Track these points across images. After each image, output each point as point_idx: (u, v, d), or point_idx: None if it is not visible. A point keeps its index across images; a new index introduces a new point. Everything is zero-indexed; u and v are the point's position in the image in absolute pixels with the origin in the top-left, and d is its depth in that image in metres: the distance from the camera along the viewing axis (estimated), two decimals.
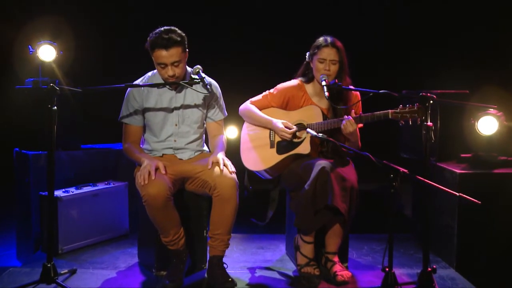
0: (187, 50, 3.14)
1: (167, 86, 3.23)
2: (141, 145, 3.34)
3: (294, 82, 3.46)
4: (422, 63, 4.93)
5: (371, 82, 3.34)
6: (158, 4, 4.97)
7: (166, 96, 3.24)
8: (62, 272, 3.16)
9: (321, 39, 3.31)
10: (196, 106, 3.28)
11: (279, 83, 3.47)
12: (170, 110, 3.25)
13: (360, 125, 3.30)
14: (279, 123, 3.30)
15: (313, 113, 3.33)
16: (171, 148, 3.28)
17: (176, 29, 3.11)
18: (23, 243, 3.97)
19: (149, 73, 3.30)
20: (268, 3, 5.11)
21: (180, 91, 3.26)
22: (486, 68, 4.79)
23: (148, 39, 3.09)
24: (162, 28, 3.08)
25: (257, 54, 4.99)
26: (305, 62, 3.42)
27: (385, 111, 3.09)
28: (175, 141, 3.28)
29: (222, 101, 3.41)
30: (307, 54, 3.38)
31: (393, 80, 4.25)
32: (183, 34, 3.11)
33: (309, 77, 3.41)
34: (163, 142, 3.28)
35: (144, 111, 3.25)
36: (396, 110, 3.05)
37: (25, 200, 3.89)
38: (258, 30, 5.07)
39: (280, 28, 5.07)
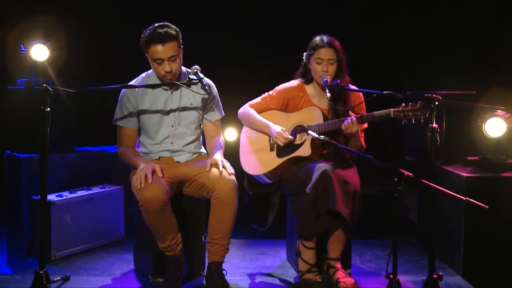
0: (181, 46, 3.15)
1: (163, 87, 3.24)
2: (136, 148, 3.34)
3: (293, 82, 3.47)
4: (427, 64, 4.94)
5: (375, 83, 3.35)
6: (156, 3, 4.98)
7: (161, 97, 3.25)
8: (55, 279, 3.16)
9: (317, 38, 3.31)
10: (192, 106, 3.29)
11: (278, 84, 3.49)
12: (165, 111, 3.26)
13: (365, 125, 3.30)
14: (276, 128, 3.31)
15: (313, 115, 3.34)
16: (168, 150, 3.29)
17: (170, 24, 3.12)
18: (14, 249, 3.97)
19: (143, 74, 3.31)
20: (268, 3, 5.12)
21: (175, 91, 3.27)
22: (494, 68, 4.80)
23: (142, 36, 3.11)
24: (156, 24, 3.10)
25: (256, 54, 5.01)
26: (303, 63, 3.44)
27: (387, 110, 3.10)
28: (171, 143, 3.29)
29: (219, 101, 3.42)
30: (304, 54, 3.40)
31: (397, 81, 4.26)
32: (178, 29, 3.13)
33: (308, 78, 3.42)
34: (159, 144, 3.29)
35: (139, 113, 3.26)
36: (398, 109, 3.05)
37: (16, 205, 3.89)
38: (258, 30, 5.08)
39: (280, 28, 5.08)
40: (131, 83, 3.29)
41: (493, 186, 3.41)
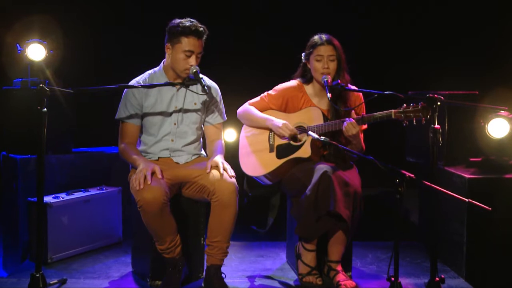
0: None
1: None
2: (136, 147, 3.34)
3: (293, 82, 3.48)
4: (429, 64, 4.94)
5: (377, 83, 3.35)
6: (155, 2, 4.98)
7: (167, 94, 3.27)
8: (52, 282, 3.16)
9: (316, 37, 3.33)
10: (195, 106, 3.31)
11: (278, 84, 3.50)
12: (170, 109, 3.27)
13: (364, 126, 3.31)
14: (279, 121, 3.32)
15: (313, 115, 3.35)
16: (167, 149, 3.30)
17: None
18: (9, 252, 3.97)
19: (150, 71, 3.33)
20: (268, 3, 5.12)
21: (181, 90, 3.28)
22: (497, 68, 4.81)
23: (176, 24, 3.15)
24: (189, 19, 3.18)
25: (256, 55, 5.01)
26: (301, 63, 3.45)
27: (388, 111, 3.11)
28: (172, 140, 3.30)
29: (222, 105, 3.44)
30: (303, 54, 3.40)
31: (399, 81, 4.27)
32: None
33: (307, 78, 3.43)
34: (159, 142, 3.29)
35: (143, 109, 3.27)
36: (400, 110, 3.06)
37: (12, 207, 3.89)
38: (258, 31, 5.09)
39: (280, 29, 5.09)
40: (136, 79, 3.31)
41: (496, 188, 3.41)
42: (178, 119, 3.29)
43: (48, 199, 3.67)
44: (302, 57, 3.42)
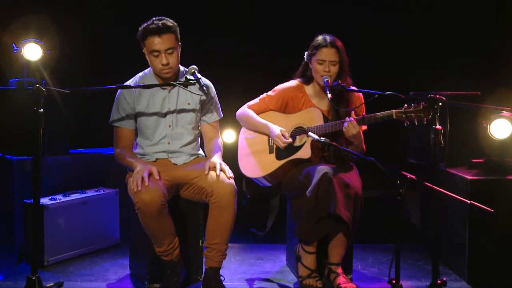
0: (180, 43, 3.18)
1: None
2: (133, 150, 3.35)
3: (293, 83, 3.48)
4: (431, 64, 4.95)
5: (378, 83, 3.35)
6: (153, 2, 4.98)
7: (158, 97, 3.26)
8: (48, 285, 3.13)
9: (319, 38, 3.33)
10: (190, 106, 3.30)
11: (278, 84, 3.50)
12: (163, 110, 3.27)
13: (364, 127, 3.31)
14: (276, 129, 3.32)
15: (313, 116, 3.35)
16: (164, 152, 3.30)
17: (167, 18, 3.17)
18: (5, 254, 3.96)
19: (140, 73, 3.32)
20: (268, 2, 5.12)
21: (173, 90, 3.27)
22: (499, 68, 4.81)
23: (139, 29, 3.15)
24: (152, 18, 3.15)
25: (255, 54, 5.01)
26: (303, 62, 3.45)
27: (389, 111, 3.11)
28: (168, 143, 3.29)
29: (217, 102, 3.43)
30: (306, 54, 3.41)
31: (401, 81, 4.27)
32: (175, 23, 3.18)
33: (308, 78, 3.43)
34: (156, 145, 3.29)
35: (136, 112, 3.27)
36: (401, 110, 3.06)
37: (8, 208, 3.88)
38: (257, 30, 5.09)
39: (279, 27, 5.09)
40: (127, 83, 3.30)
41: (498, 189, 3.41)
42: (173, 121, 3.28)
43: (44, 200, 3.66)
44: (305, 57, 3.42)
